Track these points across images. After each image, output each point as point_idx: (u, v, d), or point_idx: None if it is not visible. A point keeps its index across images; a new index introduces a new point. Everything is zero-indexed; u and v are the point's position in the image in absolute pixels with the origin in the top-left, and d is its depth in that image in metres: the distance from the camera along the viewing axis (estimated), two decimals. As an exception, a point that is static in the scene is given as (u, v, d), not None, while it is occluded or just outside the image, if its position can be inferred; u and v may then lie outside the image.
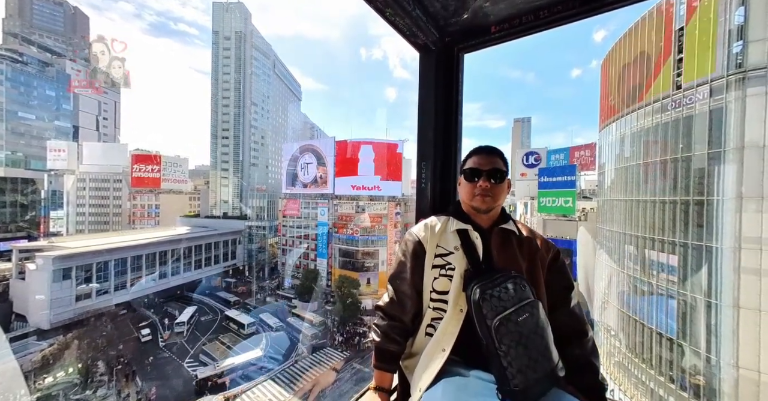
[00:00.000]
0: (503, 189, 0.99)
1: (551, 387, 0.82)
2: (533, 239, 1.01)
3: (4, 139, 37.29)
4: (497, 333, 0.80)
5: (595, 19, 7.88)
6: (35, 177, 33.98)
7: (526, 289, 0.87)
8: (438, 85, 1.47)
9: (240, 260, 34.15)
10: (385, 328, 1.02)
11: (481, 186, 0.97)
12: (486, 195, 0.98)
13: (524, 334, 0.81)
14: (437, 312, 0.96)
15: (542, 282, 0.96)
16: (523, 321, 0.82)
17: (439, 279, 0.96)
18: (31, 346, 18.43)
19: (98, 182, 36.96)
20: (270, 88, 58.23)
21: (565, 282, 1.00)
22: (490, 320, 0.82)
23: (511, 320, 0.81)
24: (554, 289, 0.98)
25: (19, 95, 38.51)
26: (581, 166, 22.74)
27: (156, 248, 26.32)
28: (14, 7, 50.41)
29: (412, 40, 1.40)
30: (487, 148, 1.03)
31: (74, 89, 39.83)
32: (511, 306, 0.83)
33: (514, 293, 0.85)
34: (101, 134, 49.14)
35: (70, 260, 21.27)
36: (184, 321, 23.31)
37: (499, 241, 0.98)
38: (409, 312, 1.02)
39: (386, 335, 1.02)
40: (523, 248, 0.98)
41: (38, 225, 32.67)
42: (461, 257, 0.95)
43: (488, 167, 0.98)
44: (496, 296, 0.84)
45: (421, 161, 1.49)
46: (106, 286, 23.40)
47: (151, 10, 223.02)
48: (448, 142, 1.51)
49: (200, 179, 50.09)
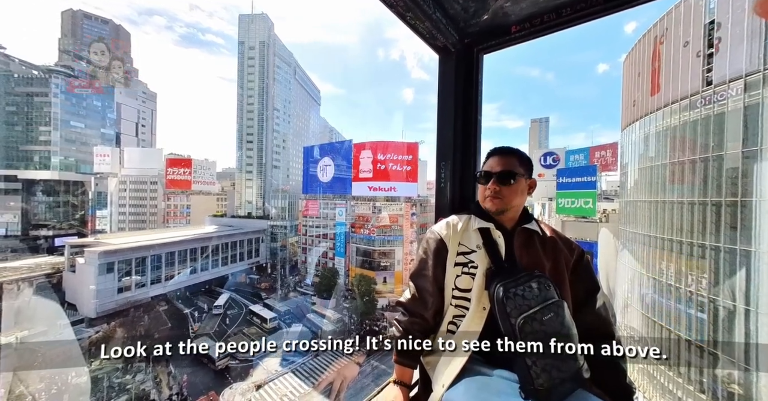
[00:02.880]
0: (516, 190, 0.98)
1: (576, 388, 0.82)
2: (557, 239, 1.01)
3: (59, 145, 41.37)
4: (521, 332, 0.81)
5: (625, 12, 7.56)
6: (84, 180, 37.36)
7: (550, 289, 0.88)
8: (457, 86, 1.49)
9: (263, 257, 35.67)
10: (407, 324, 1.02)
11: (490, 189, 0.99)
12: (495, 197, 0.98)
13: (549, 333, 0.81)
14: (459, 310, 0.96)
15: (567, 283, 0.96)
16: (548, 320, 0.82)
17: (462, 277, 0.96)
18: (82, 332, 20.35)
19: (137, 184, 40.04)
20: (291, 94, 60.40)
21: (590, 283, 0.99)
22: (514, 318, 0.82)
23: (535, 319, 0.82)
24: (579, 290, 0.98)
25: (71, 106, 42.63)
26: (602, 166, 21.96)
27: (187, 246, 28.17)
28: (68, 27, 55.88)
29: (432, 43, 1.41)
30: (503, 149, 1.03)
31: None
32: (536, 304, 0.83)
33: (539, 293, 0.85)
34: (140, 139, 53.11)
35: (113, 255, 23.29)
36: (221, 305, 25.44)
37: (521, 241, 0.98)
38: (430, 308, 1.01)
39: (407, 331, 1.01)
40: (546, 248, 0.99)
41: (86, 223, 35.90)
42: (483, 255, 0.96)
43: (499, 169, 0.99)
44: (520, 295, 0.84)
45: (441, 161, 1.52)
46: (143, 280, 25.34)
47: (181, 22, 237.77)
48: (467, 142, 1.52)
49: (227, 181, 52.74)
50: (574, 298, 0.97)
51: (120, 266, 23.75)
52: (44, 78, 41.06)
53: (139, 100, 54.53)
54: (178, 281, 27.30)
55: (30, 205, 33.57)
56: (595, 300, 0.98)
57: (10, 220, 32.60)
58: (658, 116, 12.96)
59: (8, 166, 38.32)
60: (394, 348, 1.03)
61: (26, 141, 40.99)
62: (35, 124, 41.07)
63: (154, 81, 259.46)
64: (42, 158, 41.23)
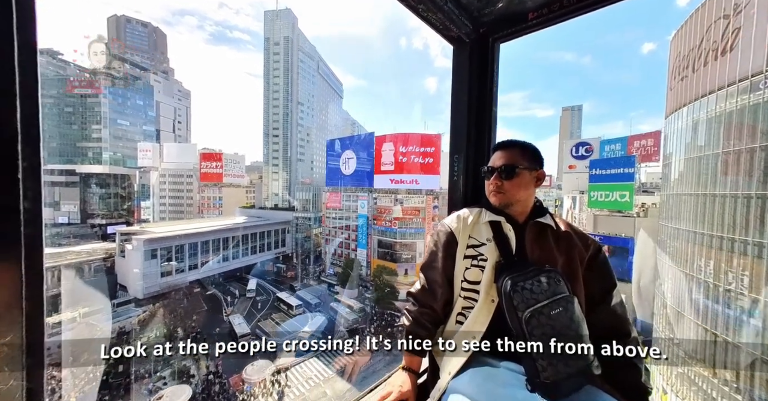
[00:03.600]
0: (518, 184, 0.97)
1: (585, 384, 0.81)
2: (572, 234, 0.99)
3: (108, 142, 45.37)
4: (528, 325, 0.81)
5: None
6: (129, 173, 40.83)
7: (560, 284, 0.87)
8: (472, 77, 1.46)
9: (289, 247, 37.21)
10: (416, 314, 1.04)
11: (492, 183, 0.99)
12: (498, 192, 0.98)
13: (556, 328, 0.81)
14: (468, 301, 0.97)
15: (580, 279, 0.94)
16: (556, 315, 0.82)
17: (471, 269, 0.97)
18: (131, 311, 22.63)
19: (175, 177, 43.08)
20: (314, 88, 61.22)
21: (606, 280, 0.97)
22: (521, 311, 0.82)
23: (543, 313, 0.82)
24: (594, 286, 0.96)
25: (117, 106, 46.38)
26: (641, 157, 20.14)
27: (220, 235, 30.06)
28: (114, 32, 60.38)
29: (446, 34, 1.39)
30: (505, 143, 1.04)
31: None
32: (544, 299, 0.83)
33: (547, 287, 0.85)
34: (176, 135, 56.73)
35: (156, 242, 25.41)
36: (252, 289, 27.85)
37: (533, 234, 0.97)
38: (440, 300, 1.03)
39: (417, 320, 1.04)
40: (560, 242, 0.97)
41: (133, 213, 39.42)
42: (493, 248, 0.96)
43: (500, 163, 0.99)
44: (528, 289, 0.84)
45: (454, 153, 1.51)
46: (182, 266, 27.47)
47: (211, 20, 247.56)
48: (482, 134, 1.50)
49: (255, 174, 55.10)
50: (589, 294, 0.95)
51: (162, 252, 25.91)
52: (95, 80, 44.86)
53: (175, 98, 58.01)
54: (211, 268, 29.33)
55: (86, 196, 37.39)
56: (611, 298, 0.96)
57: (71, 210, 36.59)
58: (710, 99, 11.62)
59: (67, 161, 42.77)
60: (404, 336, 1.06)
61: (81, 138, 45.37)
62: (88, 122, 45.25)
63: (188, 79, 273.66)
64: (95, 153, 45.50)
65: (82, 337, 17.98)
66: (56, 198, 36.25)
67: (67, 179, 37.37)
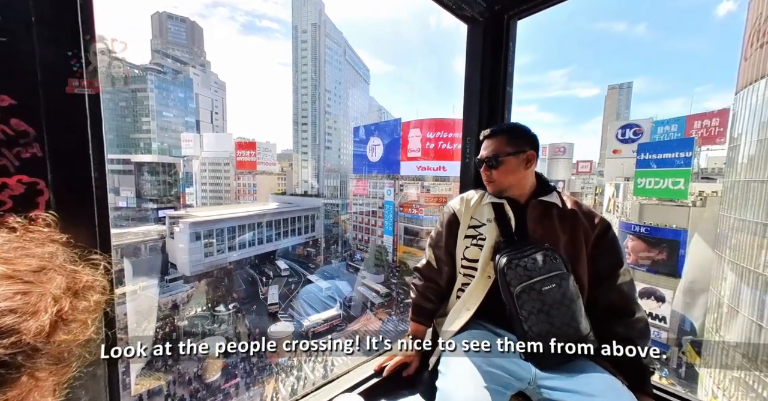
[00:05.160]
0: (506, 172, 0.99)
1: (577, 357, 0.83)
2: (578, 212, 0.99)
3: (156, 133, 49.36)
4: (518, 300, 0.86)
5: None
6: (175, 162, 44.34)
7: (557, 261, 0.89)
8: (485, 57, 1.43)
9: (318, 233, 38.65)
10: (422, 288, 1.13)
11: (483, 174, 1.04)
12: (489, 181, 1.03)
13: (547, 303, 0.85)
14: (467, 278, 1.04)
15: (583, 257, 0.95)
16: (548, 291, 0.85)
17: (470, 248, 1.03)
18: (180, 287, 25.17)
19: (214, 165, 46.07)
20: (341, 75, 61.02)
21: (613, 258, 0.98)
22: (513, 287, 0.87)
23: (534, 288, 0.86)
24: (600, 265, 0.97)
25: (162, 99, 49.96)
26: (702, 139, 17.65)
27: (255, 220, 31.95)
28: (157, 29, 64.25)
29: (459, 14, 1.36)
30: (489, 132, 1.05)
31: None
32: (537, 276, 0.86)
33: (542, 265, 0.88)
34: (214, 126, 60.16)
35: (200, 226, 27.64)
36: (287, 267, 30.94)
37: (536, 214, 0.98)
38: (444, 276, 1.10)
39: (422, 294, 1.13)
40: (564, 221, 0.98)
41: (179, 198, 43.09)
42: (493, 228, 1.00)
43: (485, 154, 1.03)
44: (522, 266, 0.88)
45: (466, 136, 1.50)
46: (222, 247, 29.73)
47: (241, 11, 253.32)
48: (494, 117, 1.47)
49: (285, 162, 57.20)
50: (595, 273, 0.97)
51: (205, 234, 28.24)
52: (142, 75, 48.49)
53: (212, 89, 61.13)
54: (248, 250, 31.47)
55: (140, 183, 41.43)
56: (617, 276, 0.96)
57: (128, 195, 40.84)
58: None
59: (123, 151, 47.39)
60: (411, 308, 1.16)
61: (134, 130, 49.81)
62: (139, 115, 49.43)
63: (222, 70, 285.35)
64: (145, 144, 49.87)
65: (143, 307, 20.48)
66: (116, 185, 40.66)
67: (124, 168, 41.59)
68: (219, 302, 24.91)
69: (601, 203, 22.06)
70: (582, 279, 0.94)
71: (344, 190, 43.40)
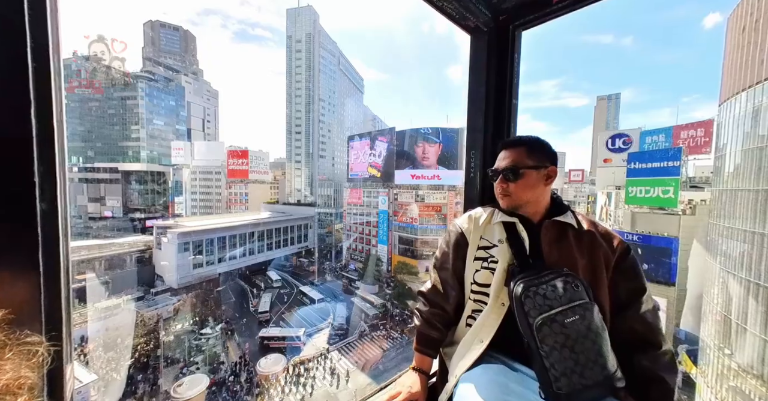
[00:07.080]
0: (525, 186, 0.92)
1: (605, 397, 0.75)
2: (595, 233, 0.91)
3: (146, 141, 48.46)
4: (539, 333, 0.76)
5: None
6: (164, 170, 43.43)
7: (579, 289, 0.80)
8: (490, 68, 1.38)
9: (311, 242, 38.00)
10: (428, 314, 1.03)
11: (498, 186, 0.96)
12: (504, 195, 0.94)
13: (571, 337, 0.75)
14: (478, 304, 0.94)
15: (604, 283, 0.87)
16: (571, 323, 0.76)
17: (481, 272, 0.94)
18: (168, 300, 24.17)
19: (204, 174, 45.32)
20: (335, 84, 61.55)
21: (635, 284, 0.89)
22: (533, 318, 0.77)
23: (556, 320, 0.76)
24: (621, 291, 0.88)
25: (153, 107, 49.31)
26: (690, 149, 18.27)
27: (246, 230, 31.23)
28: (149, 38, 64.00)
29: (463, 24, 1.33)
30: (509, 142, 0.99)
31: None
32: (558, 305, 0.77)
33: (563, 293, 0.79)
34: (206, 134, 59.50)
35: (188, 236, 26.84)
36: (279, 279, 30.62)
37: (551, 235, 0.90)
38: (451, 301, 1.01)
39: (428, 321, 1.02)
40: (582, 243, 0.90)
41: (168, 208, 42.02)
42: (506, 250, 0.91)
43: (503, 165, 0.94)
44: (541, 294, 0.79)
45: (470, 150, 1.45)
46: (212, 258, 28.88)
47: (233, 19, 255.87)
48: (500, 129, 1.40)
49: (278, 170, 56.73)
50: (616, 300, 0.88)
51: (194, 246, 27.41)
52: (133, 83, 47.90)
53: (204, 97, 60.73)
54: (238, 261, 30.65)
55: (127, 192, 40.31)
56: (640, 304, 0.88)
57: (115, 205, 39.61)
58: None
59: (111, 159, 46.24)
60: (416, 337, 1.06)
61: (122, 138, 48.82)
62: (128, 123, 48.55)
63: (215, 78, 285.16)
64: (134, 152, 48.84)
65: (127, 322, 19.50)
66: (102, 194, 39.43)
67: (111, 177, 40.45)
68: (207, 316, 23.97)
69: (594, 212, 22.35)
70: (604, 308, 0.85)
71: (338, 199, 43.00)
